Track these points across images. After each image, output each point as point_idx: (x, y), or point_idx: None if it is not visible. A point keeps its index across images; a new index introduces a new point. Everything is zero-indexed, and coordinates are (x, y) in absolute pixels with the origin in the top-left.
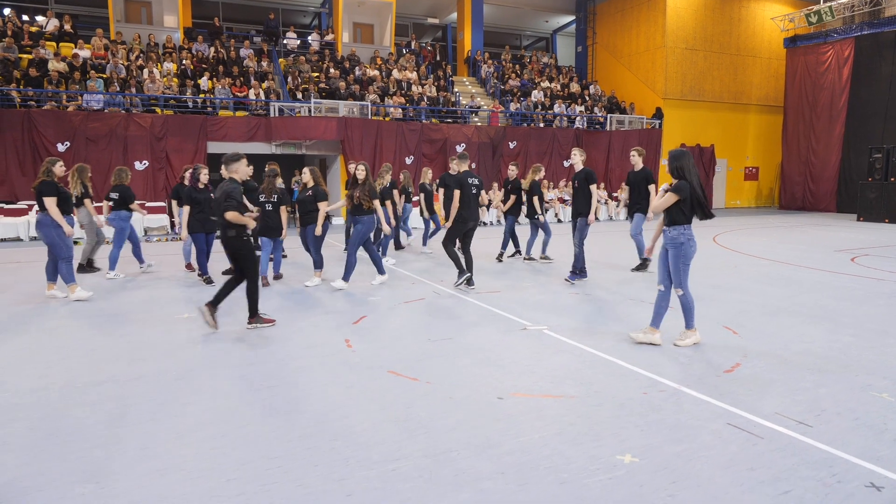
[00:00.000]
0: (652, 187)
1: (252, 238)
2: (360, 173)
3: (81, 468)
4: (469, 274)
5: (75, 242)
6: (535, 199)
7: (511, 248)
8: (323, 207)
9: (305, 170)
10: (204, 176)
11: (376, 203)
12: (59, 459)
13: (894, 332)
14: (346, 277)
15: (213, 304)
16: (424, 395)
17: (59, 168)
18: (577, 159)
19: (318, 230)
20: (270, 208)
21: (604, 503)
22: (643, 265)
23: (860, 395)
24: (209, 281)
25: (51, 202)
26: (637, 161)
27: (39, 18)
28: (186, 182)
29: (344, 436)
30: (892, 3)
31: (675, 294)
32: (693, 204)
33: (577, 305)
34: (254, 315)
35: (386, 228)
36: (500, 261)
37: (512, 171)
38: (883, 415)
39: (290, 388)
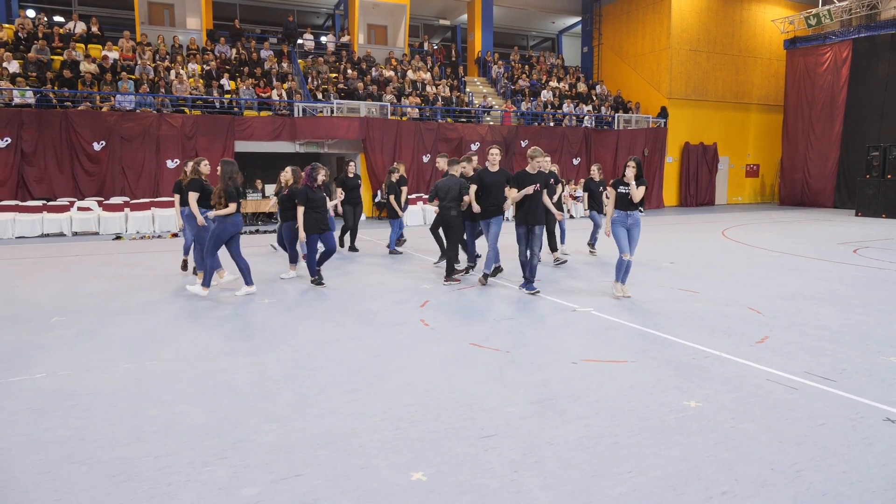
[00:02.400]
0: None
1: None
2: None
3: (257, 413)
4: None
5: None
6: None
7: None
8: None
9: (287, 169)
10: (321, 176)
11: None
12: (233, 407)
13: None
14: (205, 283)
15: (449, 274)
16: (510, 361)
17: (204, 167)
18: (544, 162)
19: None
20: (384, 199)
21: (683, 431)
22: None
23: (873, 358)
24: (319, 282)
25: (192, 197)
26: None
27: (57, 19)
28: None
29: (457, 390)
30: (889, 6)
31: (625, 258)
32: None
33: (603, 296)
34: (449, 275)
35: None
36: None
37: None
38: (892, 373)
39: (392, 358)
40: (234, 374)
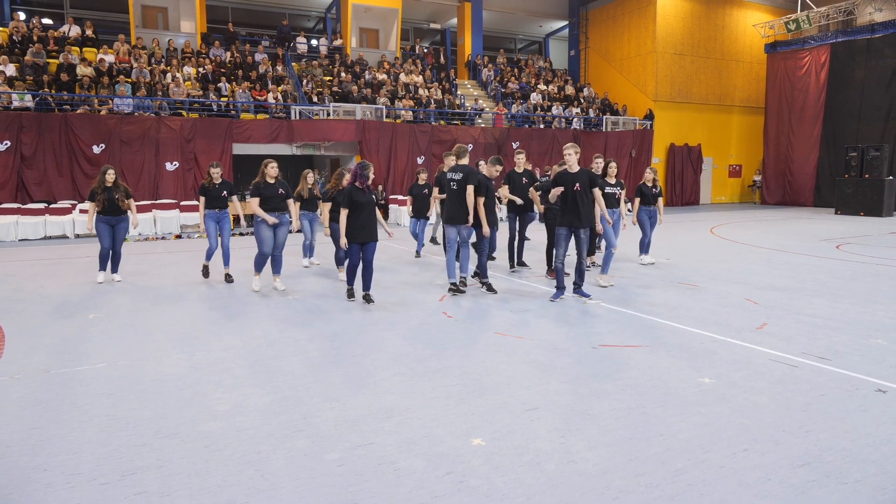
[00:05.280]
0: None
1: None
2: (111, 177)
3: (315, 394)
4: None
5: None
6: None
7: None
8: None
9: (216, 166)
10: (371, 175)
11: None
12: (292, 389)
13: (881, 300)
14: (114, 269)
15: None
16: (535, 347)
17: (271, 169)
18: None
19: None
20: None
21: (702, 403)
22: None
23: (862, 341)
24: (352, 294)
25: (254, 202)
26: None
27: (46, 21)
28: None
29: (493, 372)
30: (864, 12)
31: (615, 251)
32: None
33: (611, 289)
34: (551, 268)
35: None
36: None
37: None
38: (881, 353)
39: (426, 345)
40: (283, 360)
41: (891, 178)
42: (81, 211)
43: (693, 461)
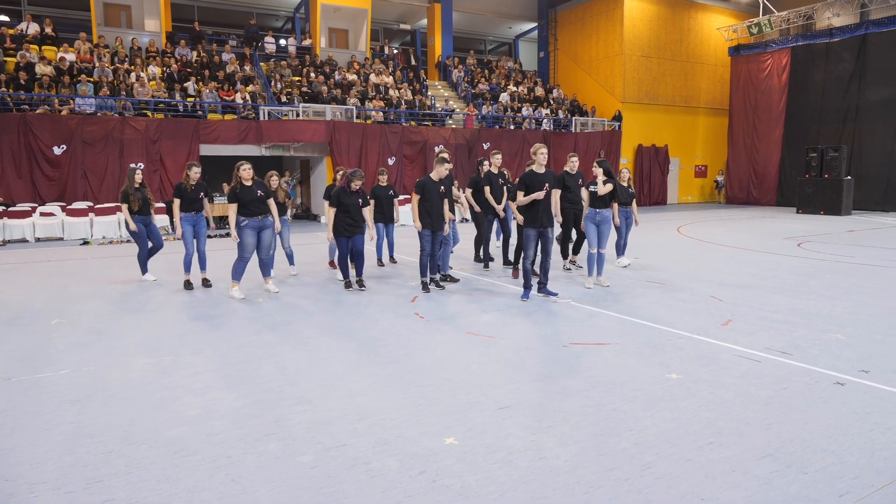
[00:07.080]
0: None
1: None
2: (139, 177)
3: (287, 397)
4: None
5: None
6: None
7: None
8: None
9: (195, 166)
10: (358, 182)
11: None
12: (264, 393)
13: (839, 296)
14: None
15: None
16: (507, 346)
17: (245, 172)
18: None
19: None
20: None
21: (669, 398)
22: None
23: (821, 336)
24: (349, 285)
25: (233, 208)
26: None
27: (3, 18)
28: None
29: (465, 372)
30: (823, 17)
31: (592, 251)
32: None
33: (581, 289)
34: (516, 267)
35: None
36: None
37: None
38: (839, 347)
39: (398, 346)
40: (253, 364)
41: (849, 178)
42: (42, 214)
43: (661, 455)
